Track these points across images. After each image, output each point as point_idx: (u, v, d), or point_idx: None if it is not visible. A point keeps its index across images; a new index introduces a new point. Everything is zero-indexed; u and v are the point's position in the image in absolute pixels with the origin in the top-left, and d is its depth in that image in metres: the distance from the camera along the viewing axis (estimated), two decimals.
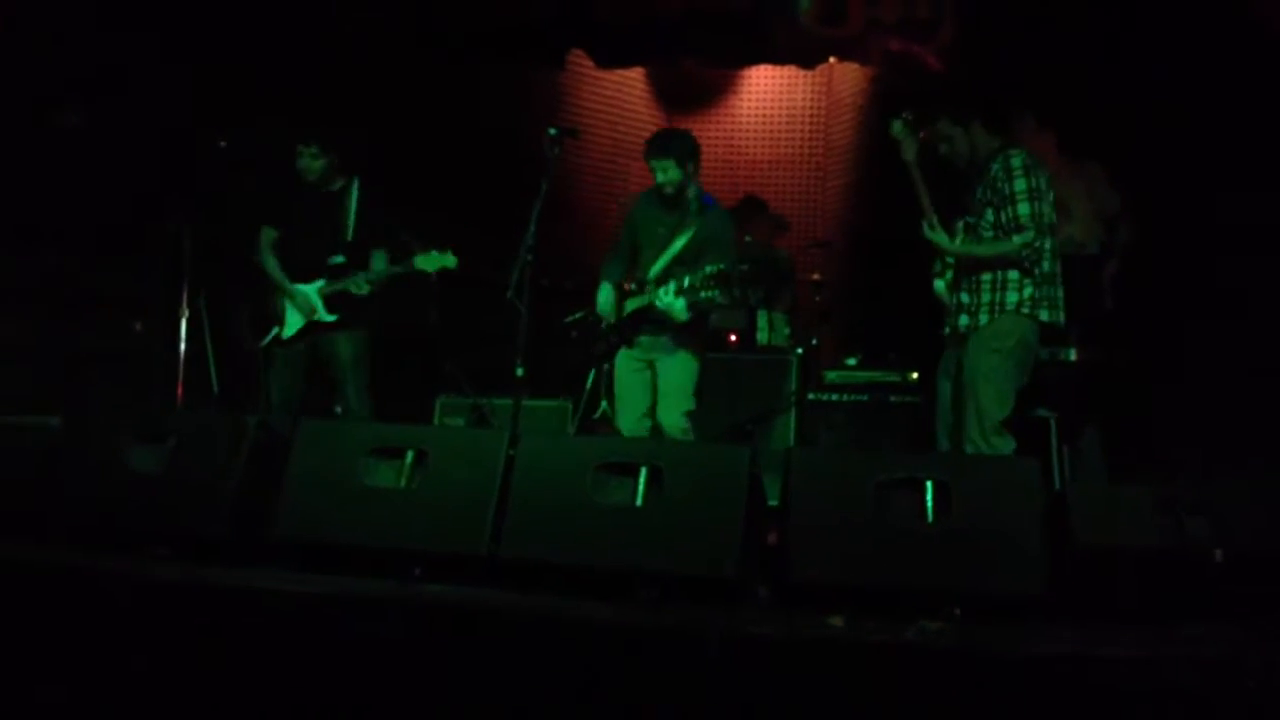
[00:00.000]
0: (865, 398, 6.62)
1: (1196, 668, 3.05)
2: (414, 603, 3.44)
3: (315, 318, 5.76)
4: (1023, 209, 4.61)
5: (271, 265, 5.84)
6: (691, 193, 5.43)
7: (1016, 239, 4.60)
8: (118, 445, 4.13)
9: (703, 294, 5.10)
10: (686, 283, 5.12)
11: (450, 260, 5.71)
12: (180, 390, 6.16)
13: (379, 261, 5.82)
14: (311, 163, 5.77)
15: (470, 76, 8.37)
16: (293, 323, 5.81)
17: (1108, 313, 6.12)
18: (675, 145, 5.39)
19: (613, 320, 5.49)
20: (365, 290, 5.74)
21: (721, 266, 5.06)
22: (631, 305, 5.42)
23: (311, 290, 5.76)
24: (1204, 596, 3.39)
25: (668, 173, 5.34)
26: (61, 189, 6.89)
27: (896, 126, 4.83)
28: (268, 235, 5.87)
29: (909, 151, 4.80)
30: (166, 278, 6.77)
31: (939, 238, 4.80)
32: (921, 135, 4.84)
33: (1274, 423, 5.35)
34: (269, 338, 5.81)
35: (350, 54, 7.75)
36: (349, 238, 5.80)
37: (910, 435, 6.40)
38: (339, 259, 5.75)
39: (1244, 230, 5.64)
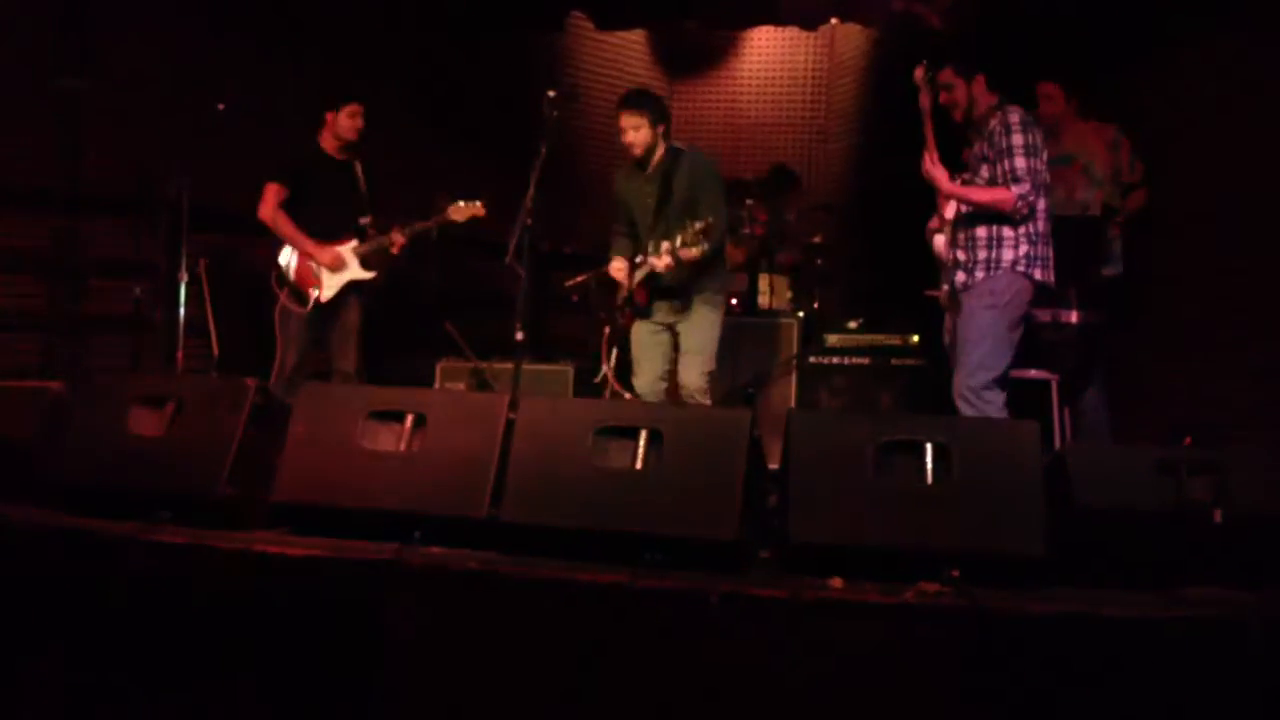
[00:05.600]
0: (866, 360, 6.61)
1: (1198, 629, 3.05)
2: (415, 566, 3.44)
3: (353, 277, 5.81)
4: (1019, 162, 4.63)
5: (285, 224, 5.80)
6: (660, 151, 5.40)
7: (1014, 188, 4.61)
8: (119, 410, 4.13)
9: (693, 248, 5.09)
10: (679, 243, 5.11)
11: (478, 209, 5.81)
12: (180, 354, 6.16)
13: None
14: (352, 122, 5.79)
15: (470, 39, 8.32)
16: (331, 285, 5.81)
17: (1117, 276, 6.09)
18: (648, 102, 5.37)
19: (626, 296, 5.48)
20: (401, 242, 5.79)
21: (708, 220, 5.05)
22: (638, 277, 5.42)
23: (347, 250, 5.80)
24: (1205, 558, 3.39)
25: (639, 130, 5.31)
26: (61, 153, 6.88)
27: (921, 72, 4.81)
28: (275, 192, 5.82)
29: (926, 99, 4.79)
30: (167, 242, 6.77)
31: (938, 172, 4.77)
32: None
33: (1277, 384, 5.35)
34: (312, 303, 5.82)
35: (350, 16, 7.72)
36: (367, 200, 5.86)
37: (911, 398, 6.41)
38: (366, 219, 5.81)
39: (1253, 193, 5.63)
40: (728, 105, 9.69)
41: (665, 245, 5.17)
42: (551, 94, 5.29)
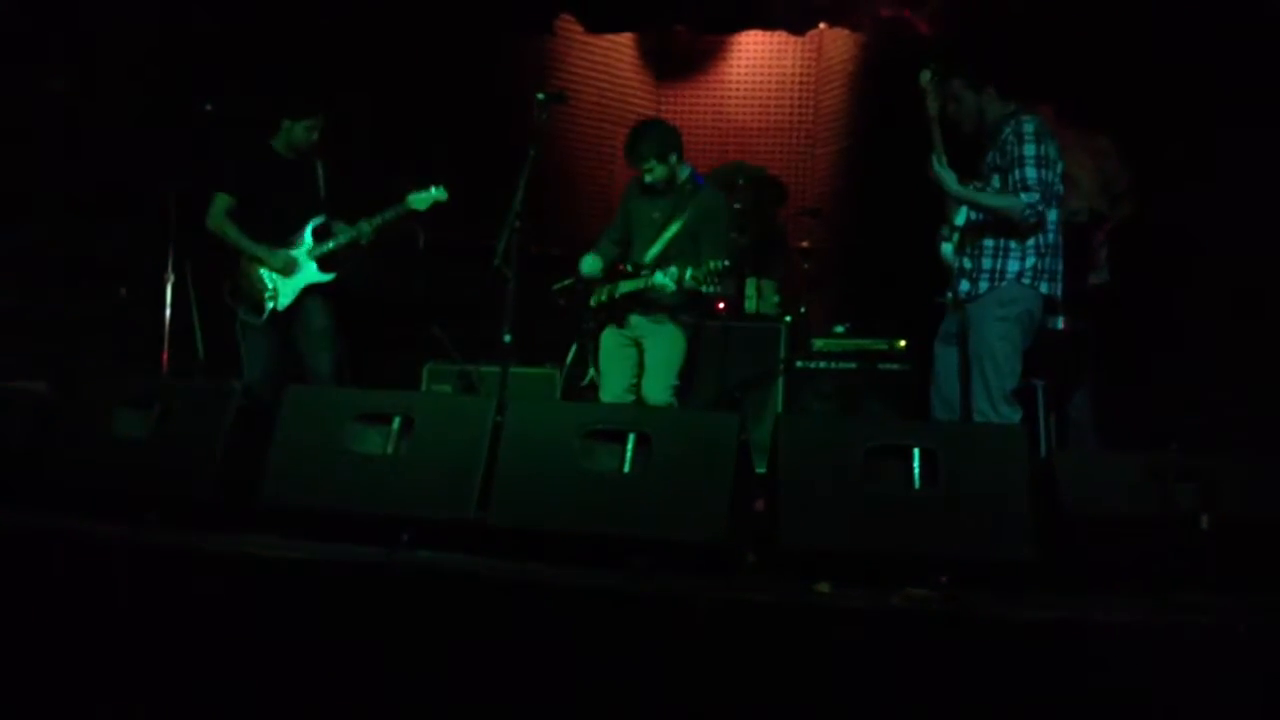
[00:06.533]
0: (853, 365, 6.61)
1: (1187, 634, 3.06)
2: (402, 569, 3.43)
3: (310, 280, 5.71)
4: (1030, 172, 4.56)
5: (233, 232, 5.73)
6: (683, 175, 5.42)
7: (1023, 197, 4.54)
8: (104, 412, 4.11)
9: (704, 289, 5.10)
10: (689, 275, 5.09)
11: (441, 194, 5.70)
12: (165, 356, 6.12)
13: (342, 228, 5.82)
14: (308, 135, 5.74)
15: (458, 41, 8.30)
16: (287, 291, 5.73)
17: (1105, 284, 6.09)
18: (650, 145, 5.34)
19: (603, 299, 5.48)
20: (367, 237, 5.71)
21: (725, 263, 5.06)
22: (626, 288, 5.41)
23: (300, 254, 5.70)
24: (1192, 563, 3.40)
25: (654, 171, 5.33)
26: (46, 155, 6.85)
27: (925, 76, 4.73)
28: (223, 202, 5.74)
29: (933, 105, 4.72)
30: (152, 244, 6.74)
31: (946, 174, 4.69)
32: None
33: (1265, 391, 5.37)
34: (268, 312, 5.71)
35: (336, 17, 7.69)
36: (324, 200, 5.79)
37: (898, 403, 6.41)
38: (320, 220, 5.72)
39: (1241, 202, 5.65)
40: (715, 109, 9.68)
41: (674, 271, 5.15)
42: (540, 97, 5.28)
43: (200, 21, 7.16)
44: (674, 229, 5.35)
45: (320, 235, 5.72)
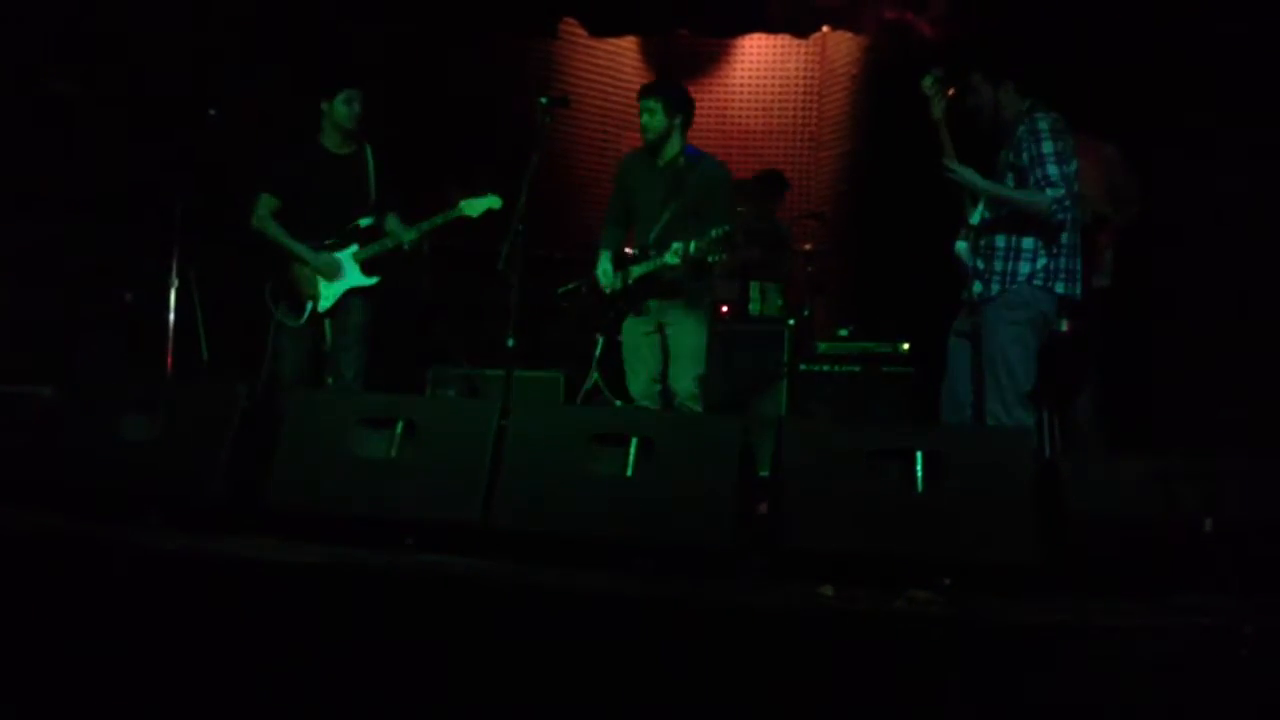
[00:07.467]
0: (857, 368, 6.62)
1: (1190, 637, 3.06)
2: (406, 572, 3.44)
3: (353, 284, 5.69)
4: (1052, 169, 4.52)
5: (278, 232, 5.72)
6: (676, 148, 5.40)
7: (1049, 192, 4.50)
8: (109, 414, 4.12)
9: (709, 258, 5.11)
10: (693, 248, 5.11)
11: (495, 201, 5.64)
12: (170, 359, 6.13)
13: (393, 222, 5.77)
14: (349, 110, 5.66)
15: (462, 45, 8.32)
16: (329, 294, 5.72)
17: (1108, 287, 6.09)
18: (668, 89, 5.37)
19: (618, 287, 5.47)
20: (413, 239, 5.69)
21: (726, 229, 5.07)
22: (637, 271, 5.41)
23: (345, 256, 5.67)
24: (1196, 566, 3.40)
25: (654, 115, 5.32)
26: (53, 158, 6.86)
27: (927, 82, 4.71)
28: (267, 203, 5.72)
29: (937, 109, 4.70)
30: (157, 248, 6.75)
31: (967, 171, 4.65)
32: (950, 92, 4.74)
33: (1267, 393, 5.37)
34: (307, 314, 5.69)
35: (339, 21, 7.71)
36: (373, 200, 5.75)
37: (902, 405, 6.41)
38: (368, 221, 5.69)
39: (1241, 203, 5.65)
40: (719, 113, 9.68)
41: (677, 247, 5.16)
42: (544, 101, 5.28)
43: (204, 26, 7.18)
44: (675, 203, 5.35)
45: (367, 237, 5.69)
